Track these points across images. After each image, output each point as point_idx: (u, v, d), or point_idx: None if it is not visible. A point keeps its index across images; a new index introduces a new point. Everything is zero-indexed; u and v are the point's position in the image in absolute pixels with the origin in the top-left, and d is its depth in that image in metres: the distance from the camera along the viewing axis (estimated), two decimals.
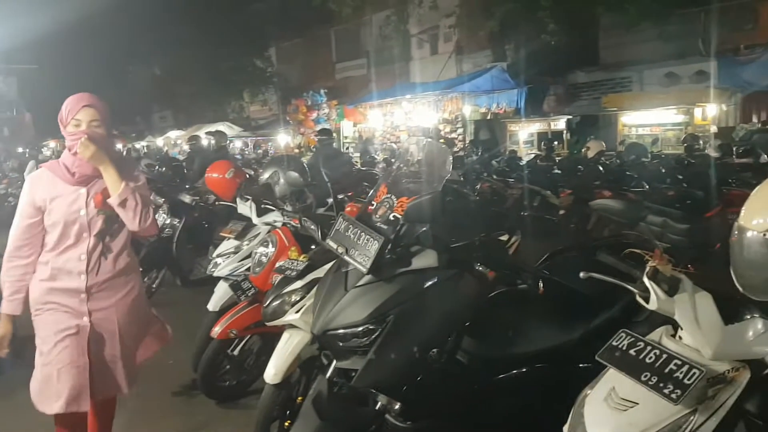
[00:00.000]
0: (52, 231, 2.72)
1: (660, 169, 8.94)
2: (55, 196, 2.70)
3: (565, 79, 17.76)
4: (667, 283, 1.76)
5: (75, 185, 2.74)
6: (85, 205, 2.73)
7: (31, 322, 5.39)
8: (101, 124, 2.73)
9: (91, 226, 2.74)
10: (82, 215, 2.72)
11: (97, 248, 2.76)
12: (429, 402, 2.47)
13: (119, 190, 2.72)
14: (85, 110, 2.71)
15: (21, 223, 2.73)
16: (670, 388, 1.60)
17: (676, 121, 15.29)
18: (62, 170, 2.74)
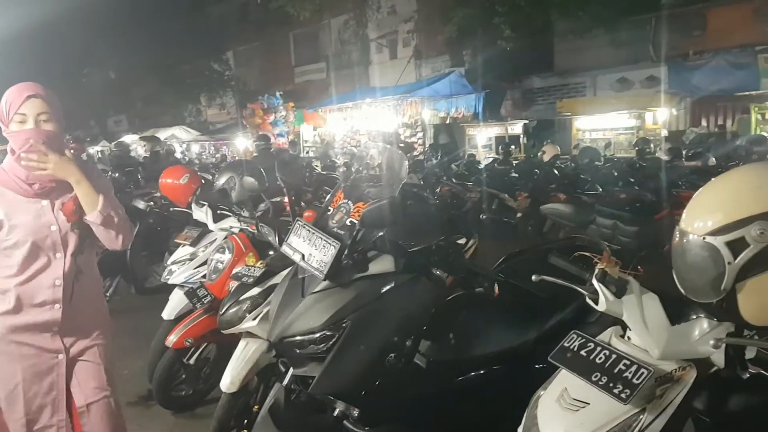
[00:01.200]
0: (14, 253, 2.24)
1: (612, 173, 9.15)
2: (11, 212, 2.24)
3: (521, 84, 18.05)
4: (614, 285, 1.80)
5: (34, 197, 2.29)
6: (55, 220, 2.29)
7: None
8: (51, 118, 2.26)
9: (65, 243, 2.31)
10: (53, 231, 2.28)
11: (72, 270, 2.32)
12: (388, 407, 2.48)
13: (98, 205, 2.29)
14: (31, 102, 2.23)
15: None
16: (620, 388, 1.63)
17: (628, 126, 15.68)
18: (14, 181, 2.27)
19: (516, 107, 17.98)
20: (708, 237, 1.54)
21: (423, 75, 19.63)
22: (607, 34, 14.88)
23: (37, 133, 2.22)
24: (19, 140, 2.23)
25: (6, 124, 2.25)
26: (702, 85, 14.40)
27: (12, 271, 2.26)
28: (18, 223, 2.23)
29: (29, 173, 2.25)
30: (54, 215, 2.29)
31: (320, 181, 10.12)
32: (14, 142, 2.25)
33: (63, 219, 2.29)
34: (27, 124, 2.22)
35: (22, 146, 2.21)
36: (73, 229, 2.31)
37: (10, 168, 2.29)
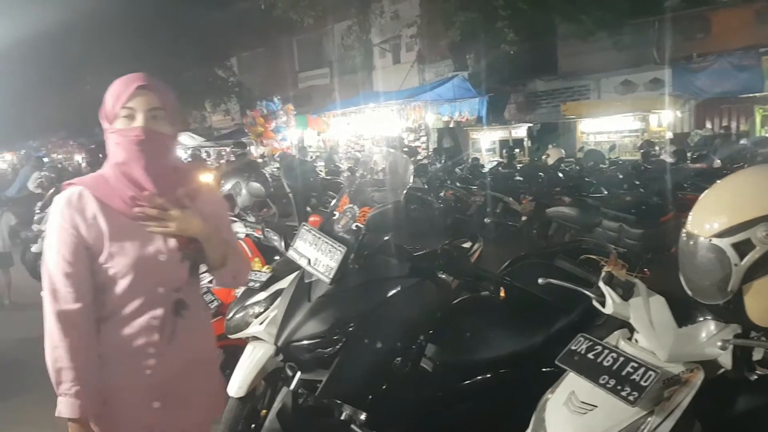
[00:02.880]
0: (112, 286, 1.75)
1: (617, 175, 9.14)
2: (114, 235, 1.74)
3: (525, 87, 18.05)
4: (621, 288, 1.80)
5: (133, 216, 1.77)
6: (165, 247, 1.79)
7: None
8: (165, 117, 1.79)
9: (172, 276, 1.82)
10: (161, 262, 1.78)
11: (179, 311, 1.83)
12: (394, 411, 2.48)
13: (227, 262, 1.90)
14: (142, 94, 1.75)
15: (65, 274, 1.70)
16: (628, 390, 1.63)
17: (632, 128, 15.66)
18: (119, 196, 1.76)
19: (520, 111, 17.98)
20: (714, 239, 1.55)
21: (426, 79, 19.65)
22: (610, 37, 14.88)
23: (146, 133, 1.73)
24: (124, 139, 1.74)
25: (111, 120, 1.78)
26: (706, 88, 14.39)
27: (104, 309, 1.77)
28: (121, 250, 1.73)
29: (136, 189, 1.76)
30: (164, 242, 1.79)
31: (324, 186, 10.14)
32: (119, 141, 1.75)
33: (174, 246, 1.80)
34: (135, 120, 1.74)
35: (129, 147, 1.74)
36: (183, 259, 1.82)
37: (114, 177, 1.78)
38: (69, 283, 1.69)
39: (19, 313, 6.79)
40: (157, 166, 1.78)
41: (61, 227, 1.71)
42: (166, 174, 1.81)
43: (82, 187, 1.76)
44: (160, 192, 1.77)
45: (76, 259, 1.71)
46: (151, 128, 1.74)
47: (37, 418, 3.98)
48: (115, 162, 1.78)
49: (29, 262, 8.02)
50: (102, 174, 1.81)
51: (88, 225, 1.72)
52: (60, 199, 1.75)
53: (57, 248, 1.71)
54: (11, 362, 5.12)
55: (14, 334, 5.80)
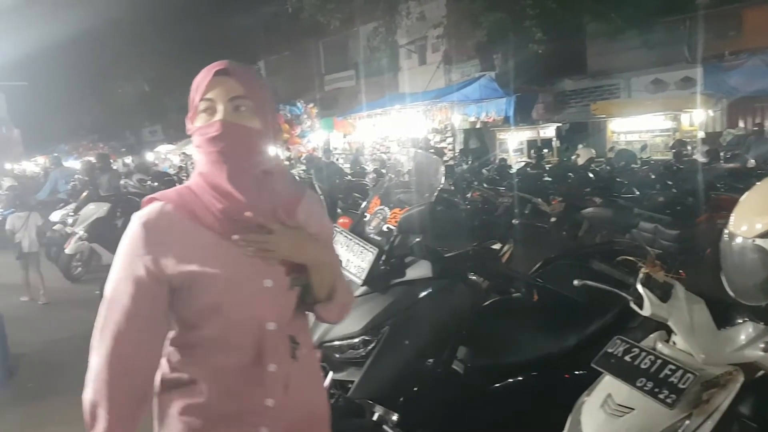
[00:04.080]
0: (205, 322, 1.38)
1: (649, 175, 9.02)
2: (206, 260, 1.37)
3: (553, 87, 17.89)
4: (660, 289, 1.78)
5: (230, 236, 1.37)
6: (270, 271, 1.41)
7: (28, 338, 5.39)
8: (253, 107, 1.42)
9: (280, 307, 1.45)
10: (267, 288, 1.40)
11: (294, 351, 1.46)
12: (426, 412, 2.48)
13: (335, 294, 1.52)
14: (220, 82, 1.40)
15: (127, 312, 1.36)
16: (666, 393, 1.61)
17: (664, 127, 15.42)
18: (208, 210, 1.39)
19: (548, 110, 17.81)
20: (758, 240, 1.52)
21: (452, 80, 19.60)
22: (640, 35, 14.68)
23: (226, 127, 1.37)
24: (203, 138, 1.40)
25: (193, 119, 1.45)
26: (738, 86, 14.10)
27: (197, 352, 1.41)
28: (217, 277, 1.36)
29: (224, 200, 1.38)
30: (269, 263, 1.40)
31: (350, 188, 10.18)
32: (199, 142, 1.42)
33: (281, 270, 1.42)
34: (215, 114, 1.39)
35: (209, 147, 1.39)
36: (292, 286, 1.45)
37: (201, 188, 1.41)
38: (130, 323, 1.35)
39: (50, 313, 6.92)
40: (245, 169, 1.40)
41: (133, 254, 1.35)
42: (257, 179, 1.42)
43: (164, 203, 1.40)
44: (252, 202, 1.38)
45: (146, 297, 1.35)
46: (233, 121, 1.38)
47: (69, 418, 4.08)
48: (200, 170, 1.43)
49: (63, 263, 8.21)
50: (188, 186, 1.45)
51: (173, 249, 1.35)
52: (137, 218, 1.38)
53: (123, 278, 1.36)
54: (45, 362, 5.22)
55: (47, 336, 5.92)
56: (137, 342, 1.37)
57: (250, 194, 1.39)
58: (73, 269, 8.25)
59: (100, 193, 8.82)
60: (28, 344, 5.51)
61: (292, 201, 1.50)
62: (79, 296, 7.49)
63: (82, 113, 28.00)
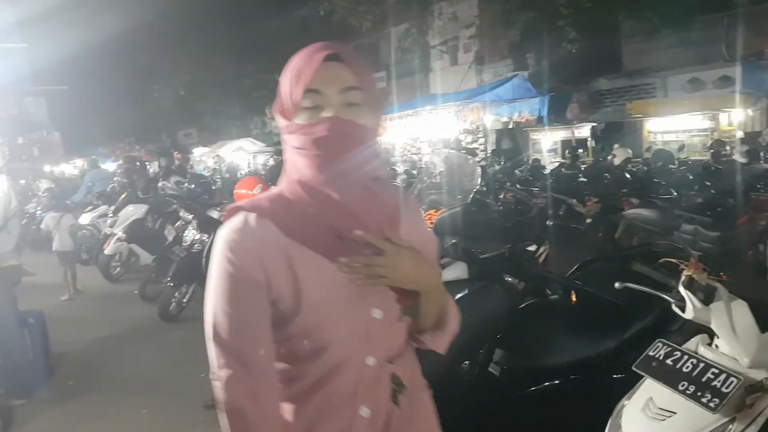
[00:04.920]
0: (300, 355, 1.19)
1: (687, 176, 8.86)
2: (306, 278, 1.15)
3: (588, 86, 17.67)
4: (702, 292, 1.76)
5: (333, 256, 1.14)
6: (378, 299, 1.19)
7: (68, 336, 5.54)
8: (367, 100, 1.17)
9: (385, 340, 1.24)
10: (374, 320, 1.20)
11: (395, 394, 1.24)
12: (462, 415, 2.48)
13: (446, 323, 1.31)
14: (331, 70, 1.14)
15: (241, 333, 1.14)
16: (708, 396, 1.60)
17: (701, 127, 15.12)
18: (306, 224, 1.16)
19: (582, 110, 17.60)
20: None
21: (484, 80, 19.49)
22: (676, 33, 14.42)
23: (341, 126, 1.13)
24: (308, 139, 1.13)
25: (289, 114, 1.16)
26: None
27: (293, 391, 1.20)
28: (316, 304, 1.15)
29: (333, 216, 1.15)
30: (377, 291, 1.18)
31: None
32: (301, 143, 1.15)
33: (391, 297, 1.20)
34: (324, 109, 1.13)
35: (316, 150, 1.13)
36: (402, 317, 1.24)
37: (298, 197, 1.18)
38: (249, 348, 1.12)
39: (90, 312, 7.09)
40: (356, 176, 1.14)
41: (230, 271, 1.13)
42: (367, 188, 1.17)
43: (256, 214, 1.16)
44: (362, 217, 1.14)
45: (257, 312, 1.14)
46: (348, 119, 1.13)
47: (108, 416, 4.18)
48: (298, 175, 1.17)
49: (102, 264, 8.41)
50: (282, 193, 1.20)
51: (266, 267, 1.13)
52: (226, 230, 1.17)
53: (226, 298, 1.13)
54: (84, 361, 5.35)
55: (87, 334, 6.06)
56: (263, 365, 1.13)
57: (359, 207, 1.14)
58: (112, 269, 8.45)
59: (138, 195, 9.00)
60: (69, 343, 5.65)
61: (395, 212, 1.24)
62: (118, 296, 7.67)
63: (119, 117, 28.63)
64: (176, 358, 5.20)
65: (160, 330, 6.05)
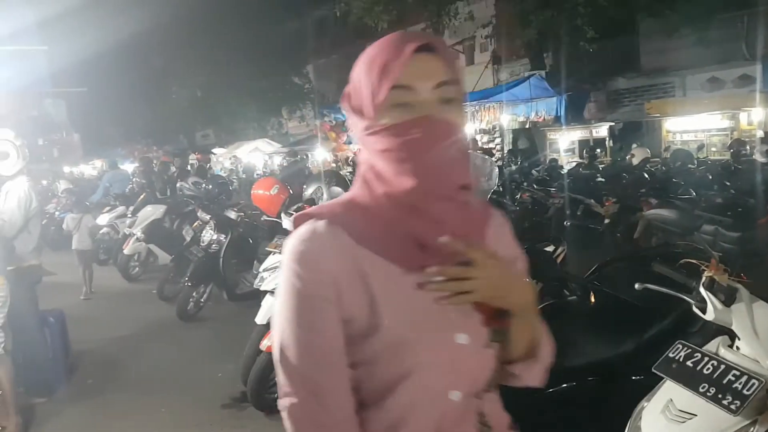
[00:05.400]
0: (373, 387, 1.02)
1: (707, 176, 8.77)
2: (384, 297, 1.00)
3: (605, 85, 17.56)
4: (723, 293, 1.74)
5: (413, 269, 0.99)
6: (464, 323, 1.03)
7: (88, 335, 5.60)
8: (461, 96, 1.04)
9: (475, 374, 1.06)
10: (460, 347, 1.02)
11: (487, 430, 1.09)
12: None
13: (539, 352, 1.15)
14: (423, 62, 0.99)
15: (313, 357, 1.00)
16: (729, 399, 1.58)
17: (721, 127, 14.95)
18: (386, 236, 1.02)
19: (600, 109, 17.48)
20: None
21: (501, 79, 19.43)
22: (695, 32, 14.27)
23: (438, 127, 0.98)
24: (397, 141, 0.98)
25: (369, 112, 1.01)
26: None
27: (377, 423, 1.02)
28: (394, 327, 0.99)
29: (423, 226, 1.00)
30: (463, 314, 1.02)
31: None
32: (388, 145, 1.00)
33: (478, 319, 1.04)
34: (414, 108, 0.98)
35: (408, 154, 0.98)
36: (490, 343, 1.06)
37: (377, 204, 1.04)
38: (320, 375, 0.99)
39: (109, 311, 7.17)
40: (449, 183, 1.00)
41: (297, 287, 0.99)
42: (458, 198, 1.02)
43: (326, 221, 1.02)
44: (451, 229, 0.98)
45: (329, 334, 0.99)
46: (442, 118, 0.98)
47: (127, 414, 4.22)
48: (379, 180, 1.03)
49: (121, 264, 8.50)
50: (354, 198, 1.07)
51: (338, 281, 0.99)
52: (292, 240, 1.03)
53: (294, 317, 1.00)
54: (104, 359, 5.41)
55: (106, 333, 6.13)
56: (338, 395, 1.00)
57: (445, 216, 1.00)
58: (131, 269, 8.54)
59: (156, 196, 9.09)
60: (88, 341, 5.71)
61: (483, 224, 1.11)
62: (137, 295, 7.75)
63: (137, 118, 28.91)
64: (194, 358, 5.25)
65: (178, 329, 6.11)
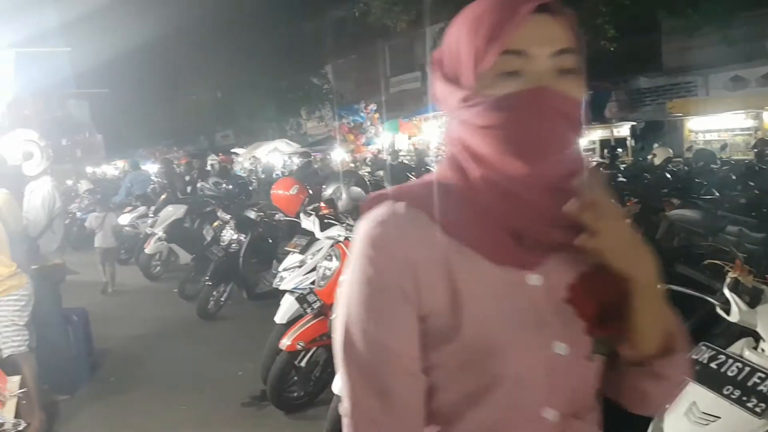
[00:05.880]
0: (454, 401, 0.88)
1: (730, 176, 8.64)
2: (473, 295, 0.85)
3: (627, 84, 17.39)
4: (748, 294, 1.72)
5: (518, 268, 0.86)
6: (563, 331, 0.86)
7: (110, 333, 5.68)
8: (581, 66, 0.88)
9: (574, 389, 0.90)
10: (558, 357, 0.86)
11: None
12: None
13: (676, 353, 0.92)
14: (539, 25, 0.82)
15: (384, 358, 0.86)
16: (754, 401, 1.56)
17: (744, 126, 14.75)
18: (478, 225, 0.85)
19: (621, 109, 17.32)
20: None
21: None
22: (718, 30, 14.07)
23: (558, 101, 0.83)
24: (504, 115, 0.82)
25: (470, 83, 0.85)
26: None
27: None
28: (478, 329, 0.85)
29: (526, 212, 0.85)
30: (562, 321, 0.87)
31: None
32: (493, 119, 0.83)
33: (579, 327, 0.87)
34: (527, 77, 0.82)
35: (520, 130, 0.82)
36: (593, 356, 0.90)
37: (468, 189, 0.88)
38: (390, 377, 0.86)
39: (131, 310, 7.25)
40: (565, 173, 0.84)
41: (369, 275, 0.86)
42: (566, 189, 0.83)
43: (406, 202, 0.89)
44: (557, 221, 0.83)
45: (403, 332, 0.86)
46: (562, 92, 0.83)
47: (148, 411, 4.27)
48: (472, 160, 0.87)
49: (143, 263, 8.60)
50: (439, 181, 0.91)
51: (417, 271, 0.85)
52: (367, 222, 0.89)
53: (364, 310, 0.86)
54: (126, 357, 5.48)
55: (128, 331, 6.21)
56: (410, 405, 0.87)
57: (556, 208, 0.82)
58: (152, 268, 8.63)
59: (178, 196, 9.18)
60: (111, 339, 5.79)
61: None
62: (158, 294, 7.83)
63: (158, 119, 29.21)
64: (214, 356, 5.29)
65: (199, 328, 6.17)
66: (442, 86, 0.91)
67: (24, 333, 3.80)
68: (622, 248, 0.83)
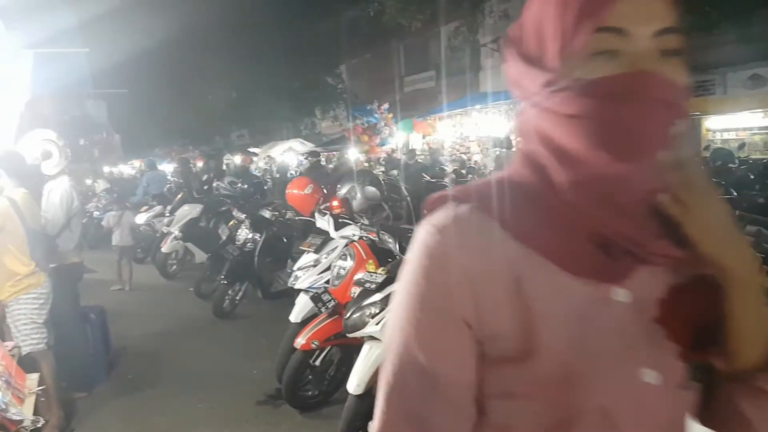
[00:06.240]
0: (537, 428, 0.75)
1: (748, 175, 8.54)
2: (548, 311, 0.73)
3: None
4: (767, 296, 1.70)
5: (595, 279, 0.73)
6: (653, 356, 0.73)
7: (127, 331, 5.73)
8: (683, 51, 0.77)
9: (663, 424, 0.75)
10: (649, 383, 0.73)
11: None
12: None
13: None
14: (640, 1, 0.72)
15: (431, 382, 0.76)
16: None
17: (763, 125, 14.57)
18: (557, 230, 0.74)
19: None
20: None
21: None
22: (736, 28, 13.92)
23: (664, 87, 0.71)
24: (598, 103, 0.69)
25: (555, 64, 0.73)
26: None
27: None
28: (554, 354, 0.73)
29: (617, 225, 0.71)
30: (651, 345, 0.74)
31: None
32: (584, 107, 0.70)
33: (671, 352, 0.75)
34: (626, 59, 0.70)
35: (618, 120, 0.69)
36: (689, 382, 0.77)
37: (542, 187, 0.76)
38: (438, 414, 0.76)
39: (147, 308, 7.31)
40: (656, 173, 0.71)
41: (422, 290, 0.77)
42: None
43: (471, 206, 0.79)
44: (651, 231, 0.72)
45: (458, 359, 0.76)
46: (667, 77, 0.73)
47: (165, 409, 4.31)
48: (554, 155, 0.74)
49: (159, 262, 8.67)
50: (511, 180, 0.81)
51: (478, 287, 0.75)
52: (426, 228, 0.79)
53: (413, 330, 0.77)
54: (143, 355, 5.53)
55: (145, 329, 6.26)
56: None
57: (650, 211, 0.72)
58: (168, 267, 8.71)
59: (194, 195, 9.25)
60: (128, 337, 5.84)
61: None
62: (174, 293, 7.90)
63: (174, 119, 29.43)
64: (230, 354, 5.33)
65: (214, 326, 6.21)
66: (519, 68, 0.79)
67: (42, 331, 3.86)
68: (717, 233, 0.71)
